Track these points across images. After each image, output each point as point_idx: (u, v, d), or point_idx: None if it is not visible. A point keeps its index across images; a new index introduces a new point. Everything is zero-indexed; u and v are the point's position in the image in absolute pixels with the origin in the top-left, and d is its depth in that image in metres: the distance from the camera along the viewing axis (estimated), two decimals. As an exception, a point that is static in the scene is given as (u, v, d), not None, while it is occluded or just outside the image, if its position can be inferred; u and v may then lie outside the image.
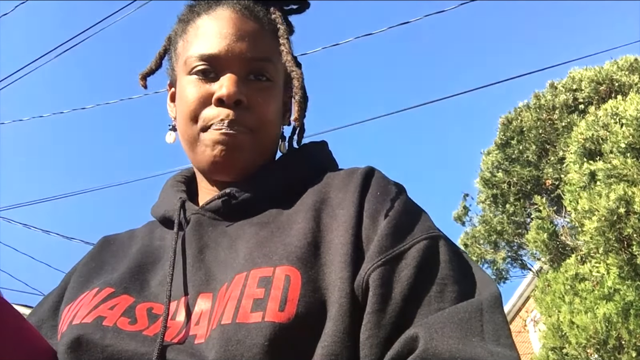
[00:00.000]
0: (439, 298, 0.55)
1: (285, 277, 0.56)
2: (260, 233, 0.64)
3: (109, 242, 0.80)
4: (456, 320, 0.52)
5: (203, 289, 0.61)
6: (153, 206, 0.79)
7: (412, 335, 0.52)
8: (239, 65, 0.70)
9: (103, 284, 0.66)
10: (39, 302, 0.77)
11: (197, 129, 0.70)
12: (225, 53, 0.70)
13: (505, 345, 0.52)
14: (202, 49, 0.71)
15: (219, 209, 0.70)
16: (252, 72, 0.72)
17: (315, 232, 0.62)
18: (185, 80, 0.72)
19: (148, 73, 0.81)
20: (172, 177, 0.82)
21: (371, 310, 0.54)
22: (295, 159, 0.77)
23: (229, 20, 0.72)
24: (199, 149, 0.71)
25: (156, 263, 0.70)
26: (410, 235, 0.60)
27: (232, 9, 0.73)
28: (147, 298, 0.64)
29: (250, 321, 0.53)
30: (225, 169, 0.71)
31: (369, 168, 0.69)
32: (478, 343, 0.51)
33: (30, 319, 0.72)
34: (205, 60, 0.70)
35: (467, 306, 0.54)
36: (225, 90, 0.68)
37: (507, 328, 0.54)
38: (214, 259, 0.64)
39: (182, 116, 0.73)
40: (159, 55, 0.82)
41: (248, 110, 0.70)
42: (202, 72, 0.71)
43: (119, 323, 0.59)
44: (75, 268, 0.78)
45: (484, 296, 0.56)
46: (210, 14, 0.73)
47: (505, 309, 1.08)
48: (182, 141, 0.75)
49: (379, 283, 0.55)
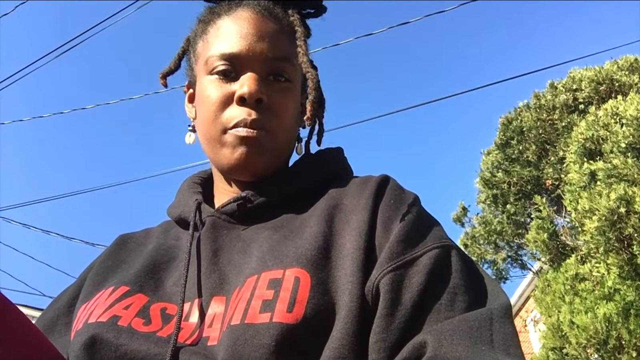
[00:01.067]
0: (449, 306, 0.55)
1: (294, 278, 0.56)
2: (274, 237, 0.64)
3: (125, 240, 0.80)
4: (465, 328, 0.52)
5: (217, 292, 0.61)
6: (169, 206, 0.80)
7: (420, 342, 0.52)
8: (259, 65, 0.71)
9: (118, 282, 0.67)
10: (55, 297, 0.78)
11: (218, 129, 0.71)
12: (246, 52, 0.71)
13: (515, 356, 0.51)
14: (223, 48, 0.72)
15: (234, 212, 0.70)
16: (272, 72, 0.73)
17: (327, 236, 0.62)
18: (206, 80, 0.73)
19: (168, 73, 0.83)
20: (189, 178, 0.83)
21: (381, 314, 0.54)
22: (311, 165, 0.77)
23: (250, 21, 0.73)
24: (220, 149, 0.71)
25: (171, 262, 0.70)
26: (423, 243, 0.60)
27: (253, 10, 0.74)
28: (161, 298, 0.64)
29: (258, 322, 0.53)
30: (245, 170, 0.72)
31: (384, 176, 0.70)
32: (487, 352, 0.50)
33: (47, 313, 0.73)
34: (227, 59, 0.71)
35: (477, 315, 0.54)
36: (246, 88, 0.69)
37: (516, 339, 0.54)
38: (228, 263, 0.64)
39: (203, 116, 0.73)
40: (178, 56, 0.83)
41: (268, 111, 0.71)
42: (222, 72, 0.72)
43: (133, 323, 0.59)
44: (92, 266, 0.78)
45: (494, 306, 0.56)
46: (230, 15, 0.74)
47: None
48: (203, 141, 0.75)
49: (389, 288, 0.55)
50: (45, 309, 0.76)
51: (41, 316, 0.75)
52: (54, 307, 0.74)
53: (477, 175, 8.09)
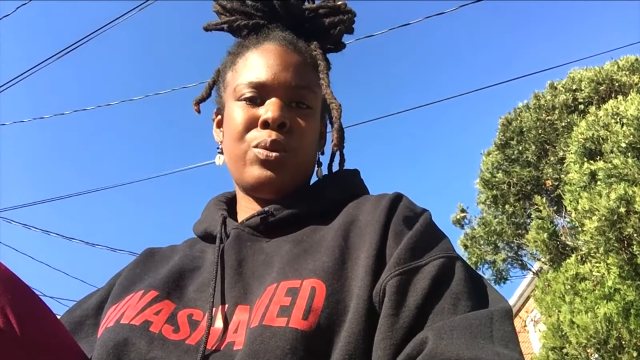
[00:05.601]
0: (452, 310, 0.57)
1: (311, 288, 0.60)
2: (294, 250, 0.68)
3: (153, 253, 0.85)
4: (466, 325, 0.54)
5: (241, 301, 0.65)
6: (195, 223, 0.85)
7: (422, 338, 0.54)
8: (283, 92, 0.77)
9: (148, 286, 0.71)
10: (83, 297, 0.82)
11: (243, 148, 0.77)
12: (272, 81, 0.77)
13: (514, 351, 0.53)
14: (250, 77, 0.78)
15: (257, 226, 0.75)
16: (295, 99, 0.79)
17: (343, 249, 0.66)
18: (234, 105, 0.79)
19: (200, 100, 0.90)
20: (215, 197, 0.89)
21: (386, 314, 0.57)
22: (330, 183, 0.83)
23: (275, 53, 0.80)
24: (244, 168, 0.77)
25: (195, 271, 0.74)
26: (429, 254, 0.63)
27: (278, 43, 0.81)
28: (186, 304, 0.68)
29: (275, 324, 0.57)
30: (266, 187, 0.77)
31: (397, 194, 0.75)
32: (486, 345, 0.52)
33: (74, 312, 0.77)
34: (254, 87, 0.77)
35: (478, 314, 0.56)
36: (270, 113, 0.75)
37: (516, 337, 0.56)
38: (252, 274, 0.68)
39: (229, 137, 0.79)
40: (209, 85, 0.91)
41: (290, 134, 0.76)
42: (249, 99, 0.78)
43: (164, 330, 0.63)
44: (120, 273, 0.83)
45: (495, 308, 0.58)
46: (258, 47, 0.81)
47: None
48: (228, 161, 0.81)
49: (394, 290, 0.59)
50: (70, 308, 0.80)
51: (67, 315, 0.78)
52: (82, 306, 0.78)
53: (477, 176, 8.09)
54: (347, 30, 0.88)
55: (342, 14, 0.86)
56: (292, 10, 0.85)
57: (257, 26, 0.85)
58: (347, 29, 0.88)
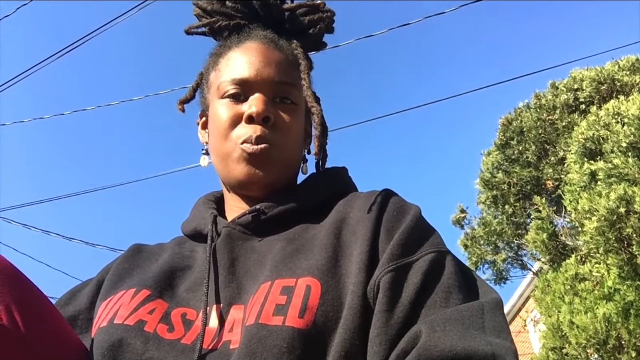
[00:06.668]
0: (444, 303, 0.58)
1: (306, 286, 0.60)
2: (287, 249, 0.68)
3: (140, 249, 0.84)
4: (458, 317, 0.56)
5: (235, 301, 0.65)
6: (183, 222, 0.85)
7: (415, 332, 0.55)
8: (266, 88, 0.78)
9: (139, 285, 0.70)
10: (71, 290, 0.80)
11: (229, 146, 0.76)
12: (255, 77, 0.78)
13: (505, 340, 0.55)
14: (233, 74, 0.79)
15: (248, 224, 0.75)
16: (278, 94, 0.79)
17: (335, 246, 0.66)
18: (218, 103, 0.80)
19: (184, 101, 0.90)
20: (204, 196, 0.89)
21: (380, 310, 0.58)
22: (319, 181, 0.83)
23: (257, 50, 0.80)
24: (230, 165, 0.77)
25: (186, 270, 0.74)
26: (420, 249, 0.64)
27: (260, 41, 0.81)
28: (179, 303, 0.67)
29: (271, 323, 0.57)
30: (254, 184, 0.77)
31: (387, 190, 0.75)
32: (478, 335, 0.54)
33: (66, 308, 0.76)
34: (237, 84, 0.78)
35: (469, 306, 0.58)
36: (254, 108, 0.75)
37: (507, 327, 0.57)
38: (245, 273, 0.68)
39: (215, 135, 0.79)
40: (192, 88, 0.91)
41: (274, 128, 0.77)
42: (233, 96, 0.78)
43: (158, 330, 0.63)
44: (108, 268, 0.82)
45: (485, 299, 0.60)
46: (240, 46, 0.82)
47: (505, 309, 1.07)
48: (215, 159, 0.81)
49: (388, 286, 0.59)
50: (60, 301, 0.78)
51: (59, 309, 0.77)
52: (73, 302, 0.77)
53: (477, 176, 8.08)
54: (327, 29, 0.89)
55: (322, 12, 0.87)
56: (271, 10, 0.86)
57: (237, 27, 0.86)
58: (327, 28, 0.88)
